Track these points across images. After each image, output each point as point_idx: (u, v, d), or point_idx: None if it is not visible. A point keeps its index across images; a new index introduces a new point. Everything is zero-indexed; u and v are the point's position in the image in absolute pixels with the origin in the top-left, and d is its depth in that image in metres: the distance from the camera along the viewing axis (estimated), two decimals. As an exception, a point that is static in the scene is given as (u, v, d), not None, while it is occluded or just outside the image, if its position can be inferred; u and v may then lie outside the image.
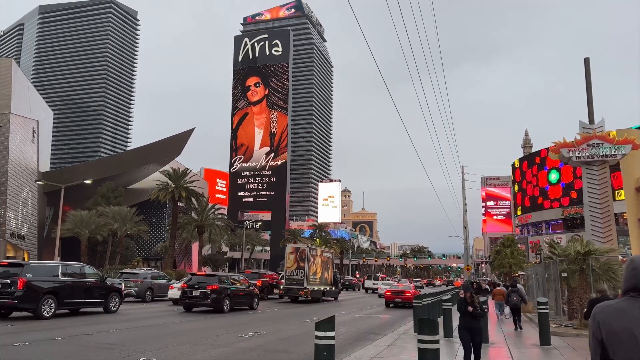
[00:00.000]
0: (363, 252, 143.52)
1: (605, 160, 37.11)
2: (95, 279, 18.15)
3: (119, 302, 19.07)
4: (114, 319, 16.61)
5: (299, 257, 31.76)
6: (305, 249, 32.16)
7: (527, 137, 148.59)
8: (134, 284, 27.02)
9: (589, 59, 41.35)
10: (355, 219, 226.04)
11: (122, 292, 19.21)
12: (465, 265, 58.74)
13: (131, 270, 30.53)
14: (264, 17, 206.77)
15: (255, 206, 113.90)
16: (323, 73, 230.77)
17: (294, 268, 31.48)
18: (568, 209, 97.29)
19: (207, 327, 15.69)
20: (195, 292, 21.31)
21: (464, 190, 64.43)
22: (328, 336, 5.70)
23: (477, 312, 9.29)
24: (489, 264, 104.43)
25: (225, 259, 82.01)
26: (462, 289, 10.35)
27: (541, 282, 20.74)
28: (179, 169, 52.14)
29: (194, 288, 21.49)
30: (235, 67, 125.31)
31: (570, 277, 15.26)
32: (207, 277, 22.64)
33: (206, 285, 21.34)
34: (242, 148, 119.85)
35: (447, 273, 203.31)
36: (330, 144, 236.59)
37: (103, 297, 18.20)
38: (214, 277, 22.67)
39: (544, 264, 18.57)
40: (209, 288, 21.17)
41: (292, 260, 31.89)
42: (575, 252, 15.19)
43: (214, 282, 21.67)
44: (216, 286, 21.36)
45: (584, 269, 14.84)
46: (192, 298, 21.37)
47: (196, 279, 22.36)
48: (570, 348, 11.87)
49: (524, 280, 39.72)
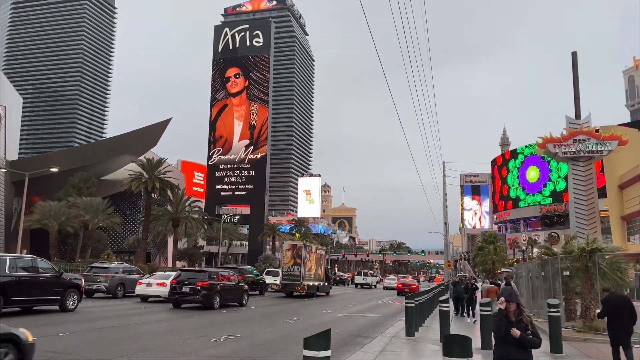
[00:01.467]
0: (342, 248, 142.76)
1: (591, 156, 36.49)
2: (50, 273, 16.34)
3: (77, 300, 17.26)
4: (69, 319, 14.87)
5: (295, 253, 32.73)
6: (302, 246, 33.16)
7: (505, 136, 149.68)
8: (104, 279, 25.27)
9: (576, 53, 40.60)
10: (334, 214, 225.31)
11: (81, 288, 17.43)
12: (446, 262, 57.99)
13: (101, 265, 28.50)
14: (245, 9, 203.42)
15: (234, 200, 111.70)
16: (304, 66, 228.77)
17: (291, 264, 32.41)
18: (546, 206, 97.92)
19: (176, 328, 14.14)
20: (185, 289, 20.75)
21: (445, 186, 63.64)
22: (321, 358, 4.11)
23: (528, 340, 5.62)
24: (469, 261, 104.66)
25: (201, 253, 79.98)
26: (500, 297, 6.59)
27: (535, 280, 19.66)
28: (153, 159, 50.05)
29: (184, 284, 20.87)
30: (214, 58, 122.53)
31: (574, 276, 14.20)
32: (197, 273, 22.07)
33: (196, 282, 20.79)
34: (221, 140, 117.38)
35: (425, 269, 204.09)
36: (310, 138, 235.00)
37: (59, 294, 16.39)
38: (204, 273, 22.24)
39: (540, 262, 17.59)
40: (199, 284, 20.62)
41: (289, 256, 32.87)
42: (579, 249, 14.08)
43: (204, 279, 21.16)
44: (206, 282, 20.81)
45: (589, 267, 13.75)
46: (181, 294, 20.81)
47: (186, 275, 21.68)
48: (584, 356, 10.69)
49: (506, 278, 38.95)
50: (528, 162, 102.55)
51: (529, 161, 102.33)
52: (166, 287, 23.09)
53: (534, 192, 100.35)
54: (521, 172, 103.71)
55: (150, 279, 24.79)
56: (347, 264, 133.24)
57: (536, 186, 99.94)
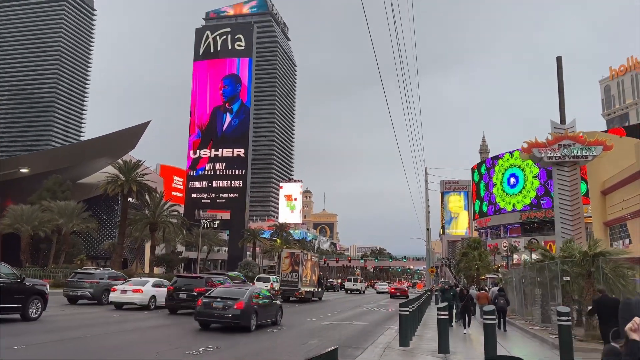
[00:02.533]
0: (323, 254, 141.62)
1: (576, 162, 36.27)
2: (10, 279, 14.98)
3: (41, 308, 15.84)
4: (31, 329, 13.58)
5: (293, 261, 35.13)
6: (299, 254, 35.93)
7: (484, 143, 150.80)
8: (89, 285, 24.43)
9: (561, 58, 40.51)
10: (315, 220, 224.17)
11: (46, 295, 16.07)
12: (429, 268, 57.44)
13: (86, 270, 27.61)
14: (227, 13, 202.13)
15: (214, 205, 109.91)
16: (286, 71, 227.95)
17: (289, 271, 34.86)
18: (526, 213, 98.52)
19: (151, 339, 12.99)
20: (182, 295, 20.78)
21: (427, 192, 63.26)
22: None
23: None
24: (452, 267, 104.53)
25: (180, 259, 78.20)
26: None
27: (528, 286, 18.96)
28: (130, 161, 48.50)
29: (181, 291, 20.92)
30: (195, 61, 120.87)
31: (573, 281, 13.48)
32: (194, 280, 22.17)
33: (193, 288, 20.74)
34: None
35: (406, 275, 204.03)
36: (292, 143, 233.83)
37: (20, 301, 15.02)
38: (200, 279, 22.22)
39: (535, 266, 16.90)
40: (197, 291, 20.35)
41: (287, 264, 35.30)
42: (581, 252, 13.37)
43: (202, 285, 21.09)
44: (203, 289, 20.28)
45: (592, 272, 13.03)
46: (178, 301, 20.85)
47: (183, 281, 21.77)
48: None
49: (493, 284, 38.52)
50: (507, 168, 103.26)
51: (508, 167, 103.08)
52: (142, 294, 22.31)
53: (513, 199, 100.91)
54: (500, 178, 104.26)
55: (125, 285, 23.36)
56: (329, 270, 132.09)
57: (516, 192, 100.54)
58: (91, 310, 21.34)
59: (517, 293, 21.81)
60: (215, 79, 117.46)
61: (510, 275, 26.53)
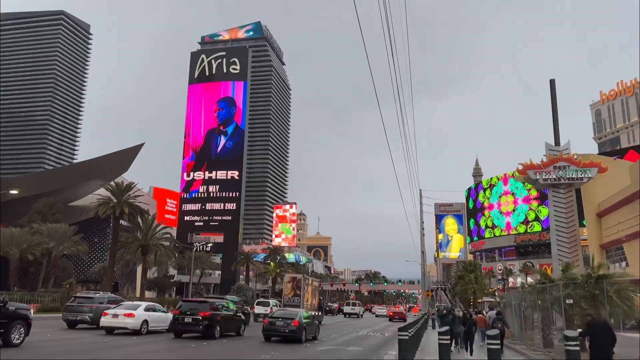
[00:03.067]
0: (318, 277, 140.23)
1: (571, 183, 36.20)
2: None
3: (24, 333, 15.24)
4: (12, 356, 12.99)
5: (295, 285, 36.78)
6: (301, 279, 37.42)
7: (478, 166, 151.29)
8: (88, 309, 24.24)
9: (554, 81, 40.81)
10: (310, 242, 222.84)
11: (29, 319, 15.46)
12: (424, 291, 56.76)
13: (86, 295, 27.32)
14: (222, 38, 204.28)
15: (207, 228, 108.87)
16: (281, 95, 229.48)
17: (291, 295, 36.68)
18: (520, 236, 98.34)
19: None
20: (187, 319, 21.33)
21: (422, 214, 62.91)
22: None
23: None
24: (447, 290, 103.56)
25: (172, 282, 76.98)
26: None
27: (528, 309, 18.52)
28: (122, 183, 47.98)
29: (186, 314, 21.46)
30: (190, 84, 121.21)
31: (577, 304, 13.13)
32: (199, 304, 22.43)
33: (198, 312, 21.37)
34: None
35: (401, 299, 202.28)
36: (286, 166, 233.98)
37: (2, 326, 14.41)
38: (205, 303, 22.55)
39: (536, 289, 16.52)
40: (201, 315, 21.21)
41: (289, 288, 37.04)
42: (584, 275, 13.05)
43: (206, 309, 21.70)
44: (208, 313, 21.41)
45: (596, 295, 12.71)
46: (184, 324, 21.43)
47: (188, 305, 22.13)
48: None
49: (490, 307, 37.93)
50: (502, 191, 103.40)
51: (502, 190, 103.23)
52: (134, 318, 22.04)
53: (508, 221, 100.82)
54: (495, 201, 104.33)
55: (117, 309, 22.80)
56: (323, 294, 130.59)
57: (510, 215, 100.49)
58: (81, 335, 20.66)
59: (516, 317, 21.36)
60: (210, 102, 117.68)
61: (508, 299, 26.06)
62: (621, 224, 36.53)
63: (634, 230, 33.75)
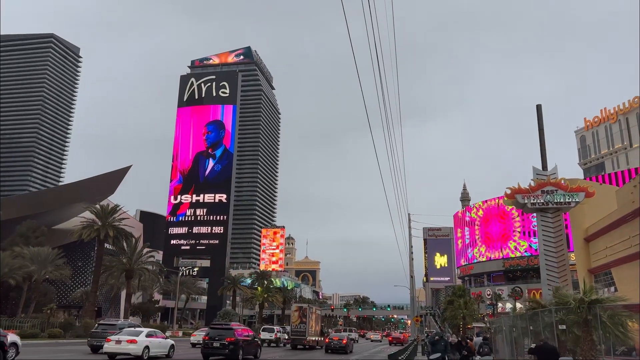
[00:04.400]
0: (305, 302, 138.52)
1: (559, 208, 36.27)
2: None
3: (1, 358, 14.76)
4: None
5: (301, 314, 40.16)
6: (306, 308, 41.70)
7: (465, 191, 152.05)
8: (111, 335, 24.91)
9: (540, 106, 41.29)
10: (298, 267, 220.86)
11: (5, 346, 14.90)
12: (413, 317, 56.09)
13: (108, 322, 29.20)
14: (212, 62, 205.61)
15: (194, 252, 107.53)
16: (270, 119, 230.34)
17: (298, 322, 40.08)
18: (509, 260, 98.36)
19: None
20: (215, 344, 24.46)
21: (410, 238, 62.63)
22: None
23: None
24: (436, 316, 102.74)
25: (157, 308, 75.44)
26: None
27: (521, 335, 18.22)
28: (107, 206, 47.27)
29: (214, 340, 24.70)
30: (179, 107, 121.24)
31: (569, 330, 12.86)
32: (225, 331, 25.59)
33: (225, 338, 24.58)
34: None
35: (390, 324, 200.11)
36: (275, 190, 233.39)
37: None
38: (230, 330, 25.70)
39: (527, 315, 16.23)
40: (228, 340, 24.43)
41: (296, 316, 40.48)
42: (577, 300, 12.83)
43: (232, 335, 24.93)
44: (233, 338, 24.65)
45: (588, 321, 12.45)
46: (212, 349, 24.55)
47: (215, 332, 25.58)
48: None
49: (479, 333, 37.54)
50: (489, 216, 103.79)
51: (489, 215, 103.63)
52: (137, 344, 22.73)
53: (496, 246, 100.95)
54: (483, 225, 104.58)
55: (120, 335, 23.28)
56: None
57: (498, 240, 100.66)
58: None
59: (507, 343, 20.98)
60: (198, 125, 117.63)
61: (499, 324, 25.73)
62: (609, 248, 36.52)
63: (622, 255, 33.74)
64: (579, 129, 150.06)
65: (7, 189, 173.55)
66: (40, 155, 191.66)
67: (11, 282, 49.30)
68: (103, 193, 69.27)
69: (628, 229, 32.99)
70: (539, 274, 38.81)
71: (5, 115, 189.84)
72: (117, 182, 72.15)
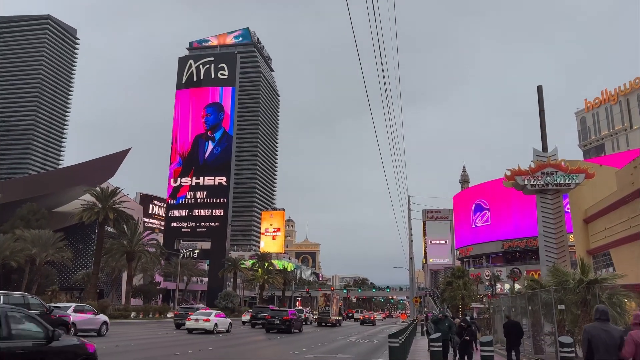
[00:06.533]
0: (306, 284, 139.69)
1: (559, 189, 36.31)
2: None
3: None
4: None
5: (326, 298, 52.08)
6: (330, 293, 54.26)
7: (465, 173, 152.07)
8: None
9: (541, 87, 41.02)
10: (298, 249, 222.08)
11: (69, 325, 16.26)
12: (412, 297, 56.59)
13: (190, 305, 39.52)
14: (211, 43, 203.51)
15: (194, 234, 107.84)
16: (269, 101, 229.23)
17: (323, 306, 52.00)
18: (508, 242, 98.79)
19: None
20: (276, 321, 34.64)
21: (410, 220, 62.86)
22: None
23: None
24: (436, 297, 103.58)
25: (158, 289, 76.00)
26: None
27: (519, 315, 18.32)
28: (107, 188, 47.28)
29: (275, 318, 34.90)
30: (178, 89, 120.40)
31: (568, 310, 12.95)
32: (281, 311, 36.92)
33: (282, 317, 34.92)
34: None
35: (389, 305, 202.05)
36: (275, 172, 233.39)
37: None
38: (285, 311, 36.94)
39: (526, 295, 16.31)
40: (285, 318, 34.64)
41: (322, 300, 53.07)
42: (576, 279, 12.89)
43: (287, 314, 35.41)
44: (288, 317, 34.76)
45: (587, 300, 12.52)
46: (273, 324, 34.60)
47: (275, 312, 36.63)
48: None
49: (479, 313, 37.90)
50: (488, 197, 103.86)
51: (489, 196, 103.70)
52: (210, 322, 29.84)
53: (495, 228, 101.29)
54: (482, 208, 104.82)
55: (197, 315, 31.19)
56: (311, 301, 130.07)
57: (497, 222, 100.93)
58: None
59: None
60: (197, 107, 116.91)
61: (498, 304, 25.92)
62: (608, 229, 36.65)
63: (621, 236, 33.88)
64: (579, 110, 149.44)
65: (6, 171, 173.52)
66: (39, 138, 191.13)
67: (13, 265, 49.60)
68: (103, 176, 69.28)
69: (627, 210, 33.07)
70: (538, 256, 39.01)
71: (4, 97, 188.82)
72: (117, 164, 72.11)
